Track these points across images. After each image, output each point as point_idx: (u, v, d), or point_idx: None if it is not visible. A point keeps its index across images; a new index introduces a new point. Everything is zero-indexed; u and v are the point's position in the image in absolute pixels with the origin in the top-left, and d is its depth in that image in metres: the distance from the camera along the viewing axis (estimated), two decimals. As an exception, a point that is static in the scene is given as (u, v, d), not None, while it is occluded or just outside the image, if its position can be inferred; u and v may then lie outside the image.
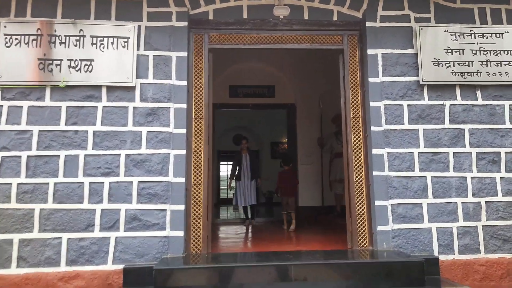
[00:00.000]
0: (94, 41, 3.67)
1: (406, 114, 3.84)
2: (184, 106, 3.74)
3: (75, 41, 3.65)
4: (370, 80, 3.89)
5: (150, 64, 3.74)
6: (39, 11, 3.71)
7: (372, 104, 3.86)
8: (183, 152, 3.68)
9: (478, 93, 3.91)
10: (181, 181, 3.64)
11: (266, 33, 4.08)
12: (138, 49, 3.73)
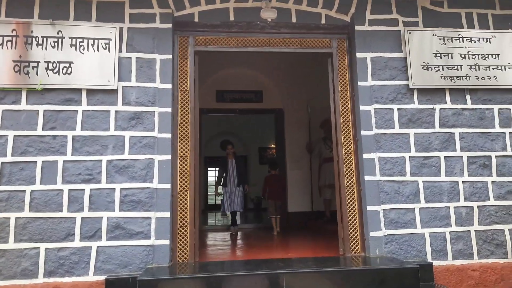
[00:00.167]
0: (73, 42, 3.52)
1: (396, 118, 3.79)
2: (169, 110, 3.62)
3: (53, 42, 3.49)
4: (360, 84, 3.85)
5: (133, 66, 3.61)
6: (15, 11, 3.54)
7: (362, 108, 3.81)
8: (169, 157, 3.56)
9: (468, 97, 3.90)
10: (166, 187, 3.51)
11: (253, 36, 4.01)
12: (120, 51, 3.60)
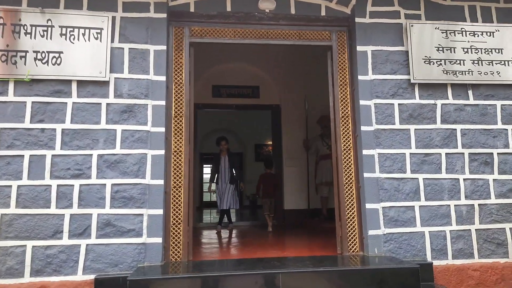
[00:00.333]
0: (63, 31, 3.38)
1: (397, 113, 3.69)
2: (163, 103, 3.50)
3: (42, 31, 3.35)
4: (360, 78, 3.74)
5: (125, 57, 3.48)
6: (2, -2, 3.40)
7: (362, 103, 3.70)
8: (162, 152, 3.43)
9: (470, 92, 3.81)
10: (159, 183, 3.39)
11: (251, 27, 3.88)
12: (112, 41, 3.46)
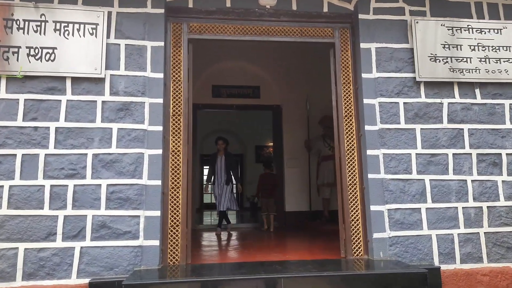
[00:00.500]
0: (57, 27, 3.28)
1: (402, 112, 3.58)
2: (160, 101, 3.39)
3: (36, 26, 3.25)
4: (364, 76, 3.63)
5: (121, 54, 3.38)
6: (-5, -8, 3.30)
7: (365, 101, 3.59)
8: (159, 152, 3.33)
9: (477, 91, 3.70)
10: (157, 184, 3.28)
11: (251, 24, 3.78)
12: (108, 37, 3.36)
